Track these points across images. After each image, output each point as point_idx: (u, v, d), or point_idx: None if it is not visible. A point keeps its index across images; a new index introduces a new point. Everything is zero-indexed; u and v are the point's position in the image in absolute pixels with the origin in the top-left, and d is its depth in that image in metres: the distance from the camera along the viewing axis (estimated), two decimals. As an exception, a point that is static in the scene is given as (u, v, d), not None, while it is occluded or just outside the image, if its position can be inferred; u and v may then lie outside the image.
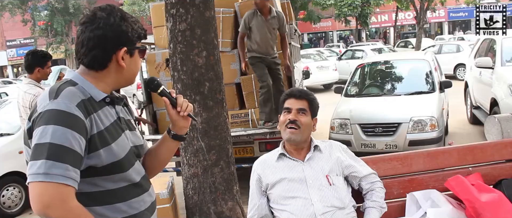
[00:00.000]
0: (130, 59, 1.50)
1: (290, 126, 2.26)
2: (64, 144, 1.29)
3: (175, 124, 1.69)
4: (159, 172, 1.82)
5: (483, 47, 7.94)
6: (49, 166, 1.26)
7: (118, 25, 1.45)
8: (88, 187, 1.41)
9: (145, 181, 1.59)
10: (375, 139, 5.65)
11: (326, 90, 15.57)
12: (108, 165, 1.41)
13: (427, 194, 2.33)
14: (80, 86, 1.44)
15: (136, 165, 1.54)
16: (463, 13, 38.68)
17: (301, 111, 2.29)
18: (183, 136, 1.72)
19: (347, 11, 32.03)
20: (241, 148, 5.30)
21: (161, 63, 5.48)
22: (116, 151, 1.43)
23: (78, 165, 1.32)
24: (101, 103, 1.47)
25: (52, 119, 1.31)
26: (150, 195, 1.59)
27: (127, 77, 1.54)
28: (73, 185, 1.30)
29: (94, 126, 1.39)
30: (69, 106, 1.34)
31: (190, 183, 3.94)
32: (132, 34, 1.48)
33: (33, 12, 34.89)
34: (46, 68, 4.23)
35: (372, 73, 7.50)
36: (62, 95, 1.36)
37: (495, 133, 2.69)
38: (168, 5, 3.77)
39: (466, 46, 16.13)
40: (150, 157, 1.74)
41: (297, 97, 2.33)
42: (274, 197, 2.25)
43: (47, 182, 1.26)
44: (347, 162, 2.32)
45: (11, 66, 41.49)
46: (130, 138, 1.55)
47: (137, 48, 1.53)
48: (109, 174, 1.43)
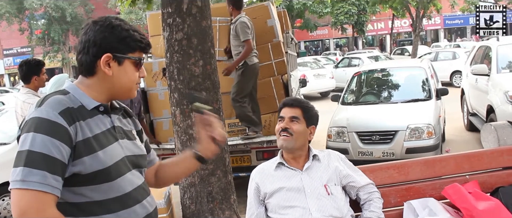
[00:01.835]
0: (118, 68, 1.48)
1: (282, 134, 2.28)
2: (42, 151, 1.29)
3: (203, 146, 1.71)
4: (170, 185, 1.83)
5: (479, 54, 7.98)
6: (26, 173, 1.27)
7: (104, 31, 1.45)
8: (75, 197, 1.40)
9: (139, 192, 1.54)
10: (372, 146, 5.66)
11: (323, 98, 15.58)
12: (93, 172, 1.39)
13: (425, 203, 2.33)
14: (71, 95, 1.44)
15: (129, 175, 1.50)
16: (458, 20, 38.95)
17: (294, 119, 2.30)
18: (207, 159, 1.74)
19: (344, 19, 32.27)
20: (238, 157, 5.28)
21: (158, 73, 5.48)
22: (103, 158, 1.41)
23: (58, 172, 1.31)
24: (94, 112, 1.46)
25: (33, 127, 1.32)
26: (143, 207, 1.53)
27: (117, 87, 1.50)
28: (51, 192, 1.29)
29: (79, 133, 1.38)
30: (51, 114, 1.34)
31: (187, 192, 3.93)
32: (121, 43, 1.46)
33: (30, 21, 34.93)
34: (42, 75, 4.24)
35: (369, 81, 7.51)
36: (46, 103, 1.38)
37: (492, 140, 2.70)
38: (165, 14, 3.78)
39: (462, 53, 16.22)
40: (165, 169, 1.75)
41: (290, 105, 2.36)
42: (272, 207, 2.24)
43: (23, 189, 1.27)
44: (345, 172, 2.32)
45: (8, 75, 41.46)
46: (126, 147, 1.53)
47: (127, 58, 1.49)
48: (95, 184, 1.41)
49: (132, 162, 1.54)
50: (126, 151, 1.52)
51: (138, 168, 1.57)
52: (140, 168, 1.59)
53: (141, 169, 1.60)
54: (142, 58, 1.54)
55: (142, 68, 1.55)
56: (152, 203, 1.60)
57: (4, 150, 5.65)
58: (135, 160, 1.56)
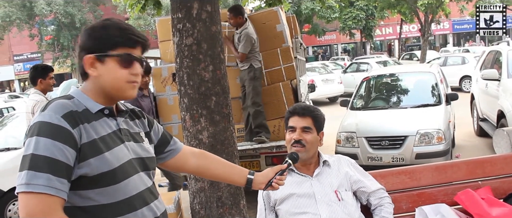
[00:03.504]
0: (103, 67, 1.45)
1: (295, 146, 2.24)
2: (45, 154, 1.30)
3: (260, 179, 1.86)
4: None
5: (489, 59, 7.93)
6: (31, 177, 1.28)
7: (84, 34, 1.47)
8: (82, 201, 1.40)
9: (147, 195, 1.54)
10: (381, 152, 5.63)
11: (332, 103, 15.55)
12: (99, 174, 1.39)
13: (437, 208, 2.30)
14: (75, 100, 1.46)
15: (136, 177, 1.50)
16: (467, 25, 38.69)
17: (306, 129, 2.26)
18: (252, 188, 1.87)
19: (352, 24, 32.17)
20: (248, 162, 5.28)
21: (168, 78, 5.51)
22: (110, 159, 1.41)
23: (63, 175, 1.32)
24: (99, 115, 1.47)
25: (36, 131, 1.34)
26: (150, 209, 1.53)
27: (107, 87, 1.47)
28: (56, 194, 1.30)
29: (84, 135, 1.39)
30: (54, 117, 1.35)
31: (197, 197, 3.93)
32: (99, 42, 1.44)
33: (40, 27, 35.26)
34: (48, 79, 4.61)
35: (378, 86, 7.49)
36: (49, 107, 1.39)
37: (504, 146, 2.67)
38: (174, 20, 3.80)
39: (471, 58, 16.12)
40: (210, 163, 1.88)
41: (300, 115, 2.29)
42: (282, 213, 2.23)
43: (28, 192, 1.28)
44: (356, 177, 2.30)
45: (18, 80, 41.82)
46: (133, 150, 1.53)
47: (108, 56, 1.44)
48: (102, 186, 1.41)
49: (140, 164, 1.54)
50: (133, 154, 1.52)
51: (146, 171, 1.57)
52: (148, 171, 1.59)
53: (149, 172, 1.59)
54: (128, 54, 1.47)
55: (134, 65, 1.49)
56: (160, 207, 1.59)
57: (15, 154, 5.70)
58: (142, 162, 1.56)
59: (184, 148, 1.86)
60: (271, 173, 1.87)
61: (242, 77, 5.26)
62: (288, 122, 2.33)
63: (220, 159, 1.92)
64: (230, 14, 5.16)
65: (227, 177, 1.90)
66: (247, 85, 5.16)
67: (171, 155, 1.80)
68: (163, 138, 1.77)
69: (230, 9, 5.24)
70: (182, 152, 1.83)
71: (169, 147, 1.79)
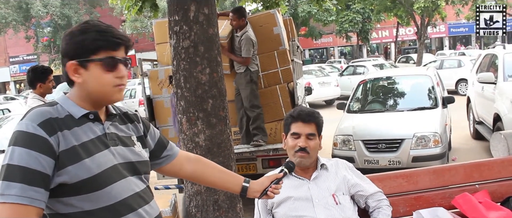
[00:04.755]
0: (86, 73, 1.42)
1: (300, 153, 2.22)
2: (19, 163, 1.29)
3: (255, 188, 1.84)
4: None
5: (485, 62, 7.95)
6: (4, 187, 1.27)
7: (64, 40, 1.45)
8: (65, 207, 1.38)
9: (135, 200, 1.49)
10: (378, 155, 5.63)
11: (328, 106, 15.56)
12: (79, 182, 1.36)
13: (434, 212, 2.29)
14: (58, 106, 1.43)
15: (123, 182, 1.46)
16: (463, 28, 38.86)
17: (310, 136, 2.24)
18: (246, 197, 1.86)
19: (348, 27, 32.28)
20: (244, 165, 5.27)
21: (164, 80, 5.49)
22: (90, 166, 1.38)
23: (38, 184, 1.30)
24: (83, 120, 1.44)
25: (13, 140, 1.33)
26: (138, 215, 1.48)
27: (93, 92, 1.44)
28: (31, 203, 1.28)
29: (62, 143, 1.36)
30: (30, 126, 1.34)
31: (193, 200, 3.91)
32: (79, 47, 1.41)
33: (37, 29, 35.19)
34: (48, 82, 4.30)
35: (375, 89, 7.50)
36: (27, 116, 1.37)
37: (502, 149, 2.67)
38: (171, 22, 3.79)
39: (467, 61, 16.18)
40: (206, 169, 1.85)
41: (306, 121, 2.25)
42: (280, 216, 2.22)
43: (2, 202, 1.27)
44: (354, 181, 2.29)
45: (14, 82, 41.69)
46: (121, 154, 1.49)
47: (90, 61, 1.41)
48: (83, 193, 1.38)
49: (129, 169, 1.50)
50: (120, 158, 1.48)
51: (137, 175, 1.53)
52: (139, 175, 1.54)
53: (140, 176, 1.55)
54: (111, 57, 1.43)
55: (119, 67, 1.45)
56: (151, 212, 1.54)
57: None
58: (132, 166, 1.51)
59: (180, 153, 1.83)
60: (266, 182, 1.86)
61: (238, 81, 5.25)
62: (290, 127, 2.29)
63: (216, 165, 1.89)
64: (233, 15, 5.14)
65: (222, 184, 1.88)
66: (243, 89, 5.15)
67: (168, 160, 1.77)
68: (159, 143, 1.74)
69: (235, 11, 5.22)
70: (178, 158, 1.80)
71: (165, 152, 1.76)
